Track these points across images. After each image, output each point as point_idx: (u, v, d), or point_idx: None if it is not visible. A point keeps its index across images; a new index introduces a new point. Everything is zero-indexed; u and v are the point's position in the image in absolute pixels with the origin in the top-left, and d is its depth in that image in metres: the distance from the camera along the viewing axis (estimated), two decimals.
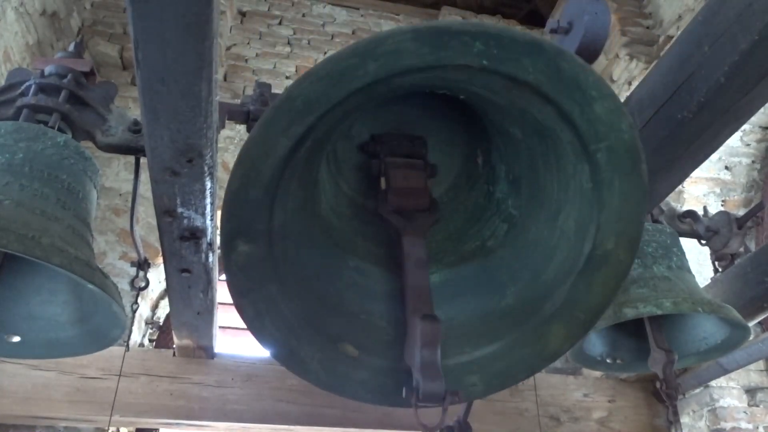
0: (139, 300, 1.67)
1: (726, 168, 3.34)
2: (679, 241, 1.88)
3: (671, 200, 2.24)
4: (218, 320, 2.17)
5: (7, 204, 1.22)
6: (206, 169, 1.24)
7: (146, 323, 3.32)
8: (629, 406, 2.92)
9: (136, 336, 3.19)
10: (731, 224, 2.06)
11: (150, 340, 3.36)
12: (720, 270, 2.12)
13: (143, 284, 1.64)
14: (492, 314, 1.13)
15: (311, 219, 1.13)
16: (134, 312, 1.67)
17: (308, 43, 4.65)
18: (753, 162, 3.35)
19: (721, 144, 1.17)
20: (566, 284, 1.02)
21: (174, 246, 1.51)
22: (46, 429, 2.58)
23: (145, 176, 1.34)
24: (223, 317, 2.25)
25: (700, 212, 2.16)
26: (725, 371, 2.67)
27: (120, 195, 3.28)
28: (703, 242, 2.11)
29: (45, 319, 1.47)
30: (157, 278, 3.04)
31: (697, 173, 1.61)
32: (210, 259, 1.60)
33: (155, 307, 3.45)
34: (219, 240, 1.09)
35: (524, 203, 1.12)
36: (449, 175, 1.29)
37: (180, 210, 1.37)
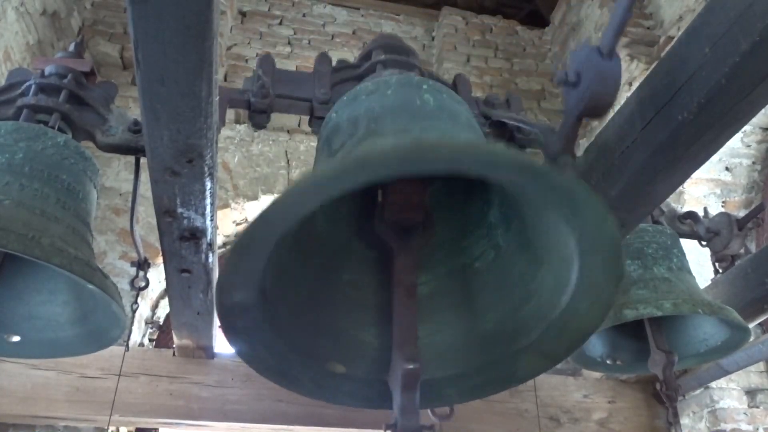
0: (139, 300, 1.66)
1: (726, 169, 3.34)
2: (680, 242, 1.88)
3: (672, 201, 2.24)
4: (218, 320, 2.17)
5: (7, 204, 1.22)
6: (206, 170, 1.24)
7: (146, 323, 3.32)
8: (629, 407, 2.92)
9: (136, 336, 3.19)
10: (732, 225, 2.06)
11: (150, 340, 3.37)
12: (720, 271, 2.12)
13: (143, 284, 1.64)
14: (471, 335, 1.18)
15: (306, 240, 1.13)
16: (134, 312, 1.67)
17: (309, 43, 4.65)
18: (753, 163, 3.35)
19: (722, 145, 1.17)
20: (541, 325, 1.07)
21: (174, 246, 1.51)
22: (46, 428, 2.58)
23: (146, 176, 1.34)
24: None
25: (701, 213, 2.16)
26: (725, 372, 2.67)
27: (120, 195, 3.28)
28: (704, 243, 2.11)
29: (45, 319, 1.47)
30: (157, 278, 3.04)
31: (698, 174, 1.61)
32: (210, 260, 1.60)
33: (155, 307, 3.46)
34: (218, 243, 1.09)
35: (512, 240, 1.15)
36: (445, 179, 1.30)
37: (180, 210, 1.37)
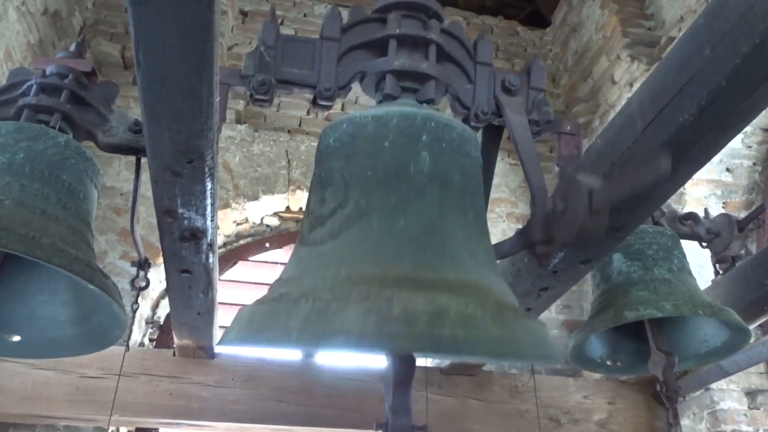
0: (140, 300, 1.67)
1: (727, 170, 3.34)
2: (680, 244, 1.88)
3: (672, 202, 2.24)
4: (218, 320, 2.17)
5: (8, 204, 1.22)
6: (207, 170, 1.24)
7: (146, 323, 3.32)
8: (629, 408, 2.92)
9: (137, 335, 3.19)
10: (732, 227, 2.06)
11: (150, 340, 3.37)
12: (721, 272, 2.12)
13: (143, 284, 1.65)
14: None
15: None
16: (134, 312, 1.68)
17: None
18: (754, 164, 3.35)
19: (723, 147, 1.17)
20: None
21: (174, 246, 1.51)
22: (46, 428, 2.58)
23: (146, 176, 1.34)
24: (224, 317, 2.25)
25: (701, 214, 2.16)
26: (726, 374, 2.67)
27: (121, 194, 3.28)
28: (704, 244, 2.11)
29: (45, 319, 1.47)
30: (158, 278, 3.04)
31: (699, 175, 1.61)
32: (210, 260, 1.60)
33: (156, 307, 3.46)
34: (219, 243, 1.09)
35: None
36: None
37: (180, 211, 1.37)
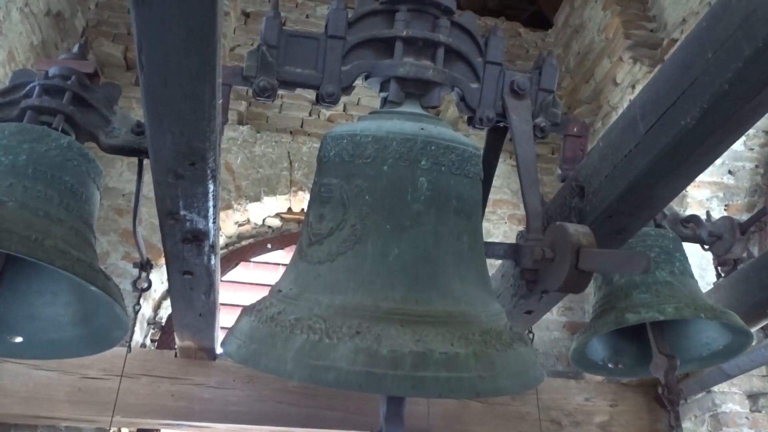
0: (141, 301, 1.67)
1: (729, 172, 3.33)
2: (682, 246, 1.88)
3: (674, 204, 2.23)
4: (220, 321, 2.17)
5: (11, 205, 1.22)
6: (209, 173, 1.24)
7: (148, 323, 3.33)
8: (631, 411, 2.92)
9: (138, 336, 3.19)
10: (734, 229, 2.06)
11: (152, 341, 3.37)
12: (723, 275, 2.12)
13: (145, 285, 1.65)
14: None
15: None
16: (136, 313, 1.67)
17: None
18: (756, 166, 3.34)
19: (725, 151, 1.17)
20: None
21: (176, 248, 1.51)
22: (48, 429, 2.58)
23: (149, 177, 1.34)
24: (225, 318, 2.25)
25: (703, 217, 2.15)
26: (728, 376, 2.67)
27: (123, 195, 3.28)
28: (706, 247, 2.11)
29: (47, 320, 1.47)
30: (160, 279, 3.04)
31: (701, 177, 1.61)
32: (212, 262, 1.60)
33: (157, 308, 3.46)
34: (221, 244, 1.10)
35: None
36: None
37: (183, 213, 1.37)
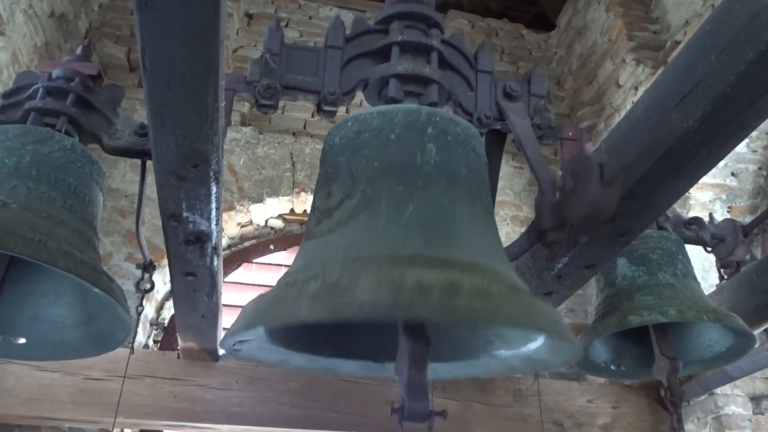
0: (144, 302, 1.67)
1: (732, 174, 3.33)
2: (685, 248, 1.88)
3: (677, 206, 2.23)
4: (222, 323, 2.18)
5: (14, 207, 1.23)
6: (212, 174, 1.25)
7: (151, 324, 3.33)
8: (633, 413, 2.92)
9: (141, 337, 3.19)
10: (737, 232, 2.05)
11: (155, 341, 3.37)
12: (725, 277, 2.11)
13: (148, 287, 1.65)
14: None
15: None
16: (139, 314, 1.68)
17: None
18: (760, 168, 3.34)
19: (727, 154, 1.17)
20: (509, 352, 1.13)
21: (179, 250, 1.51)
22: (51, 429, 2.59)
23: (151, 178, 1.34)
24: (228, 320, 2.25)
25: (706, 219, 2.15)
26: (730, 379, 2.66)
27: (126, 196, 3.29)
28: (709, 249, 2.11)
29: (50, 321, 1.48)
30: (163, 280, 3.05)
31: (704, 179, 1.60)
32: (215, 263, 1.60)
33: (160, 309, 3.46)
34: (223, 246, 1.10)
35: None
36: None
37: (185, 214, 1.37)
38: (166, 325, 3.37)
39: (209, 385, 2.47)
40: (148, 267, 1.66)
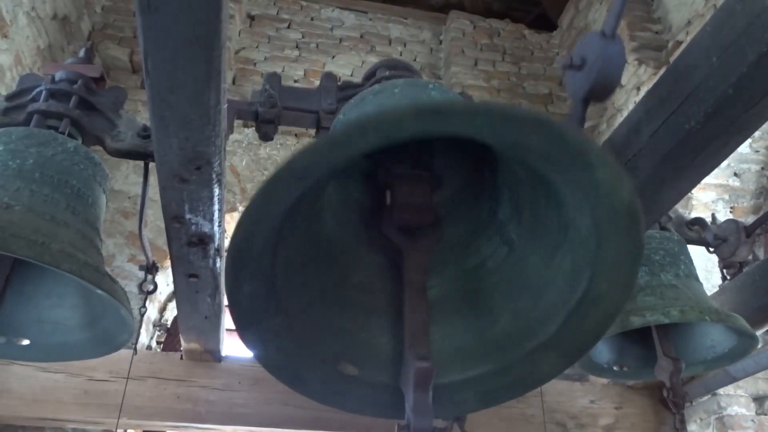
0: (147, 303, 1.68)
1: (735, 174, 3.32)
2: (687, 249, 1.88)
3: (680, 206, 2.23)
4: (225, 324, 2.18)
5: (18, 209, 1.23)
6: (214, 177, 1.25)
7: (154, 325, 3.34)
8: (636, 413, 2.91)
9: (144, 338, 3.20)
10: (740, 232, 2.05)
11: (158, 342, 3.38)
12: (728, 278, 2.11)
13: (151, 288, 1.66)
14: (488, 335, 1.16)
15: (316, 241, 1.13)
16: (142, 315, 1.68)
17: (316, 47, 4.67)
18: (762, 169, 3.34)
19: (729, 155, 1.17)
20: (560, 316, 1.04)
21: (182, 251, 1.52)
22: (54, 431, 2.60)
23: (154, 179, 1.35)
24: (230, 321, 2.25)
25: (709, 219, 2.15)
26: (733, 379, 2.66)
27: (129, 198, 3.30)
28: (711, 250, 2.11)
29: (54, 323, 1.48)
30: (166, 281, 3.05)
31: (706, 180, 1.60)
32: (217, 265, 1.61)
33: (163, 310, 3.47)
34: (226, 247, 1.10)
35: (525, 232, 1.13)
36: (454, 183, 1.30)
37: (188, 216, 1.38)
38: (169, 326, 3.38)
39: (212, 386, 2.47)
40: (151, 268, 1.67)
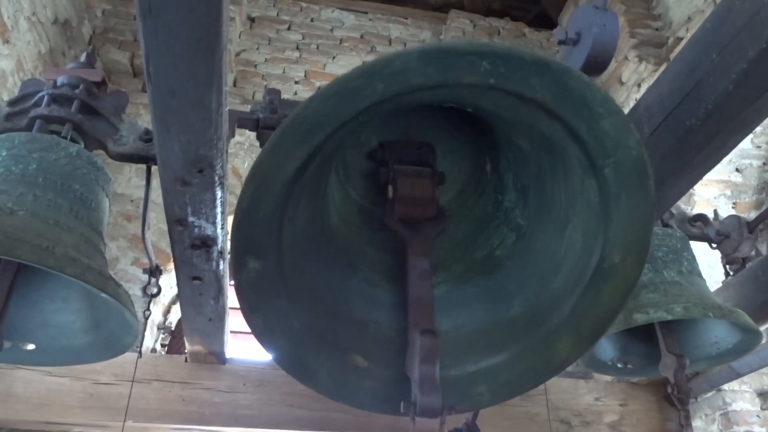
0: (151, 306, 1.68)
1: (737, 170, 3.32)
2: (690, 245, 1.88)
3: (682, 203, 2.23)
4: (229, 326, 2.18)
5: (22, 214, 1.24)
6: (217, 179, 1.25)
7: (158, 328, 3.34)
8: (641, 410, 2.91)
9: (149, 341, 3.21)
10: (742, 228, 2.05)
11: (162, 345, 3.39)
12: (731, 274, 2.11)
13: (155, 291, 1.66)
14: (500, 324, 1.14)
15: (320, 231, 1.14)
16: (146, 318, 1.69)
17: (317, 48, 4.67)
18: (764, 164, 3.33)
19: (730, 151, 1.17)
20: (574, 295, 1.02)
21: (185, 254, 1.52)
22: None
23: (157, 182, 1.35)
24: (234, 322, 2.26)
25: (711, 215, 2.15)
26: (738, 375, 2.65)
27: (131, 201, 3.30)
28: (714, 246, 2.10)
29: (59, 327, 1.49)
30: (169, 283, 3.06)
31: (708, 176, 1.60)
32: (221, 267, 1.61)
33: (167, 312, 3.48)
34: (229, 249, 1.11)
35: (532, 213, 1.12)
36: (457, 182, 1.30)
37: (191, 219, 1.38)
38: (173, 329, 3.38)
39: (217, 388, 2.47)
40: (155, 271, 1.67)
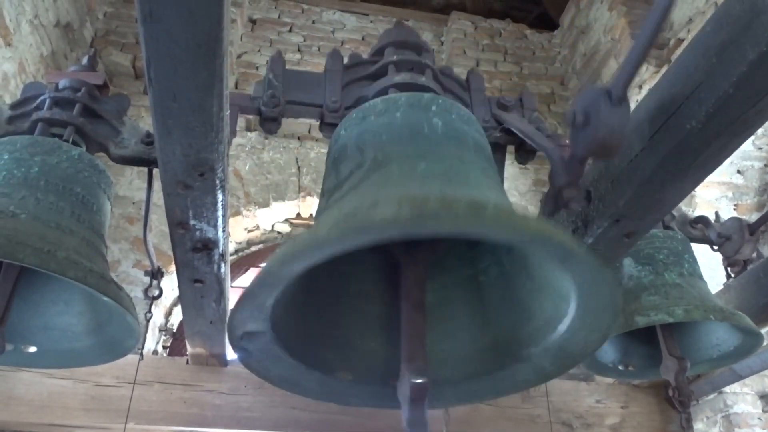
0: (153, 308, 1.68)
1: (738, 172, 3.32)
2: (691, 248, 1.88)
3: (683, 205, 2.23)
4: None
5: (24, 218, 1.24)
6: (218, 183, 1.26)
7: (160, 330, 3.35)
8: (642, 412, 2.91)
9: (150, 343, 3.21)
10: (743, 230, 2.05)
11: (163, 347, 3.39)
12: (732, 276, 2.11)
13: (156, 293, 1.66)
14: (474, 345, 1.19)
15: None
16: (148, 321, 1.69)
17: (318, 50, 4.68)
18: (765, 166, 3.33)
19: (730, 154, 1.17)
20: (538, 347, 1.08)
21: (186, 257, 1.53)
22: None
23: (158, 185, 1.36)
24: None
25: (712, 217, 2.15)
26: (739, 377, 2.66)
27: (133, 203, 3.31)
28: (715, 248, 2.10)
29: (60, 330, 1.49)
30: (171, 286, 3.06)
31: (709, 177, 1.59)
32: (222, 270, 1.61)
33: (168, 314, 3.48)
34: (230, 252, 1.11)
35: (514, 265, 1.15)
36: None
37: (192, 222, 1.38)
38: (175, 331, 3.39)
39: (219, 390, 2.48)
40: (156, 274, 1.68)
